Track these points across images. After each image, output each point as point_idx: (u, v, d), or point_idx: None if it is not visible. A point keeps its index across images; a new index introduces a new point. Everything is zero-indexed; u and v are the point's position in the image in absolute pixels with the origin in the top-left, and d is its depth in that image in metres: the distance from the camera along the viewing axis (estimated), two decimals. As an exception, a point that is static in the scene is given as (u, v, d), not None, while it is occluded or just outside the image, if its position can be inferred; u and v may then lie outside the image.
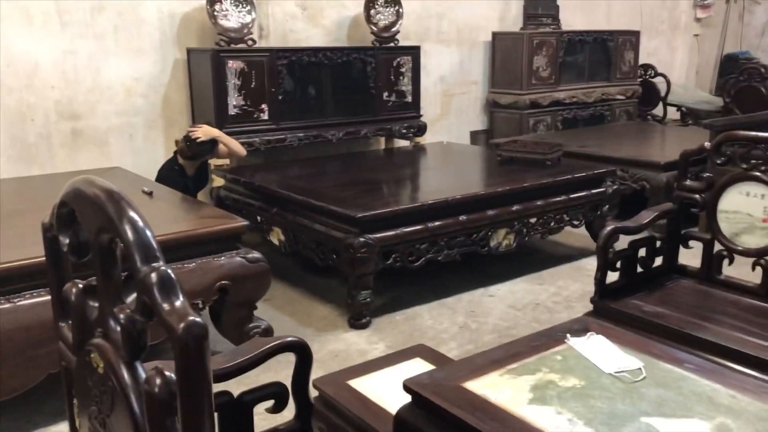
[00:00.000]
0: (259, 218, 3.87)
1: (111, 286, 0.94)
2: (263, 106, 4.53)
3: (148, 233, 0.82)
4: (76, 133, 4.25)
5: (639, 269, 2.48)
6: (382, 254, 3.23)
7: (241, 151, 4.09)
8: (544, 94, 6.00)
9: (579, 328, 1.62)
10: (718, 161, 2.42)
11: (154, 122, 4.53)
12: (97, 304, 1.01)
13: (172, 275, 0.79)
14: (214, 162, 4.21)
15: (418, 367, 1.90)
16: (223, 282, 2.71)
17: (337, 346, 3.08)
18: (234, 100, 4.38)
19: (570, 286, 3.78)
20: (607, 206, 4.17)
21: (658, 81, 7.15)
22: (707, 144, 2.46)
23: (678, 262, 2.59)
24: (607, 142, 5.33)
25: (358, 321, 3.26)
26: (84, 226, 0.97)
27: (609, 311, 2.30)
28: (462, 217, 3.50)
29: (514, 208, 3.71)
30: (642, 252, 2.49)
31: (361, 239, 3.15)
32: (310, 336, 3.19)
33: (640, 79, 7.00)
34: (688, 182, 2.51)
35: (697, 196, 2.49)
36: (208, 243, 2.74)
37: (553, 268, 4.07)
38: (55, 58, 4.12)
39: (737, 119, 4.83)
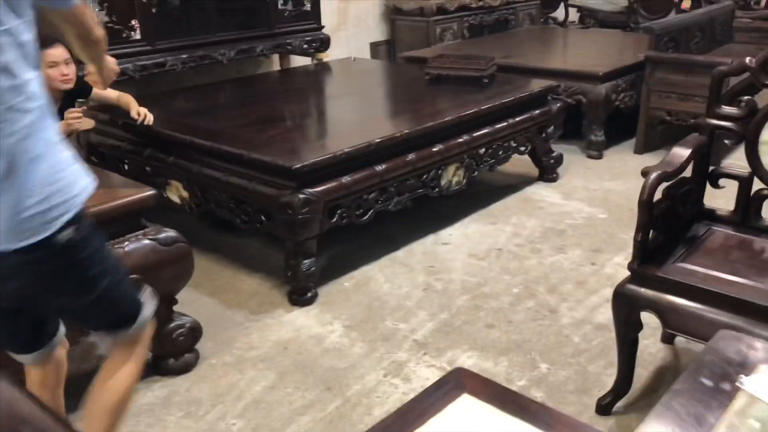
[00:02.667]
0: (148, 169, 3.06)
1: None
2: (133, 22, 3.60)
3: None
4: None
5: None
6: (326, 212, 2.58)
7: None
8: (450, -2, 5.37)
9: (741, 360, 1.10)
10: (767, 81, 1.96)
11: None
12: None
13: None
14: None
15: (469, 409, 1.33)
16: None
17: (283, 334, 2.44)
18: (96, 16, 3.41)
19: (526, 224, 3.32)
20: (552, 127, 3.71)
21: (558, -21, 6.71)
22: (749, 60, 1.98)
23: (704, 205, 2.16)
24: (525, 51, 4.82)
25: (302, 297, 2.61)
26: None
27: (652, 280, 1.83)
28: (411, 156, 2.89)
29: (463, 138, 3.15)
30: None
31: (302, 196, 2.47)
32: (245, 323, 2.52)
33: (540, -22, 6.52)
34: (725, 109, 2.04)
35: (731, 124, 2.04)
36: (103, 225, 1.96)
37: (499, 201, 3.59)
38: None
39: (675, 21, 4.47)
